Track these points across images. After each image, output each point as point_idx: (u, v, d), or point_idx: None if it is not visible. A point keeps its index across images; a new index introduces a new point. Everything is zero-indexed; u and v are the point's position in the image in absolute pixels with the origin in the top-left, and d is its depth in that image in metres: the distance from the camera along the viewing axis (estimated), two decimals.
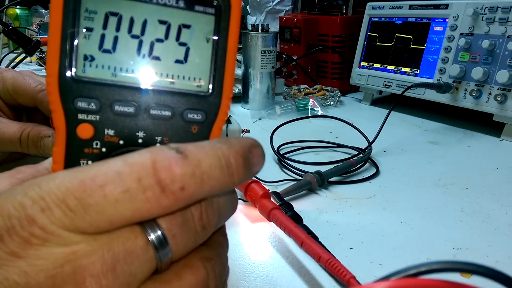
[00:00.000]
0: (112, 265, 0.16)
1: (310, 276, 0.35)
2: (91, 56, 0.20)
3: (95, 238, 0.16)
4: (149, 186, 0.16)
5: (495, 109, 0.70)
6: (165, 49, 0.20)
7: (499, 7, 0.70)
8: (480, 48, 0.72)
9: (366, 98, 0.97)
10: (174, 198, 0.17)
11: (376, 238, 0.40)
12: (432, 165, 0.60)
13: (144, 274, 0.17)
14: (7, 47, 1.36)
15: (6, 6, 1.18)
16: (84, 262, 0.16)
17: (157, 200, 0.17)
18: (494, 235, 0.41)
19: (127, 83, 0.20)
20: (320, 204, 0.47)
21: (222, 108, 0.21)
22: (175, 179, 0.17)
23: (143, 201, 0.16)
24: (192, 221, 0.18)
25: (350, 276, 0.31)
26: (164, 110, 0.20)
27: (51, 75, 0.19)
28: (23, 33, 0.75)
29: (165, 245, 0.17)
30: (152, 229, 0.17)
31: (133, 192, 0.16)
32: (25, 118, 0.51)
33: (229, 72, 0.21)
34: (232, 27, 0.21)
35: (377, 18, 0.92)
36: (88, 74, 0.20)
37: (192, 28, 0.21)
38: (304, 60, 1.05)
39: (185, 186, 0.17)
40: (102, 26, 0.20)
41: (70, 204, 0.16)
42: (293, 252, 0.38)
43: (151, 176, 0.16)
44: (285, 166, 0.57)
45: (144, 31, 0.20)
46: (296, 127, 0.75)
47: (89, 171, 0.16)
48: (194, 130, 0.21)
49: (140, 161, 0.17)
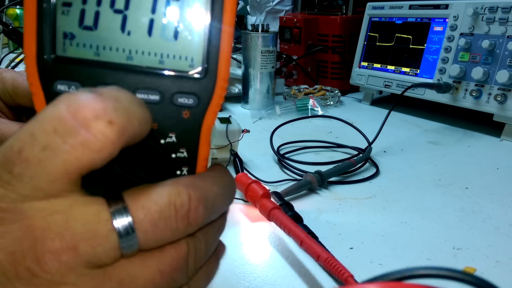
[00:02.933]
0: (72, 243, 0.16)
1: (310, 276, 0.35)
2: (71, 33, 0.18)
3: (52, 211, 0.16)
4: (67, 132, 0.15)
5: (495, 109, 0.70)
6: (152, 25, 0.18)
7: (499, 7, 0.70)
8: (480, 48, 0.72)
9: (366, 98, 0.97)
10: (103, 137, 0.16)
11: (376, 238, 0.40)
12: (432, 165, 0.60)
13: (109, 258, 0.17)
14: (7, 47, 1.36)
15: (6, 6, 1.18)
16: (41, 237, 0.16)
17: (84, 145, 0.15)
18: (494, 235, 0.41)
19: (111, 63, 0.18)
20: (320, 204, 0.47)
21: (216, 91, 0.19)
22: (98, 115, 0.15)
23: (68, 152, 0.15)
24: (174, 218, 0.17)
25: (348, 274, 0.31)
26: (152, 93, 0.18)
27: (29, 55, 0.18)
28: (23, 33, 0.75)
29: (132, 237, 0.17)
30: (120, 215, 0.17)
31: (53, 146, 0.15)
32: (25, 118, 0.51)
33: (225, 51, 0.19)
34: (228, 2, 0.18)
35: (377, 18, 0.92)
36: (69, 53, 0.18)
37: (182, 1, 0.18)
38: (304, 60, 1.05)
39: (113, 120, 0.16)
40: (82, 1, 0.18)
41: (5, 178, 0.16)
42: (293, 252, 0.38)
43: (68, 121, 0.15)
44: (285, 166, 0.57)
45: (128, 5, 0.18)
46: (296, 127, 0.75)
47: (8, 142, 0.16)
48: (186, 115, 0.19)
49: (51, 111, 0.16)
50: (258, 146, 0.66)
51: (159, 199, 0.17)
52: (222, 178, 0.20)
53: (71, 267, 0.16)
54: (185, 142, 0.20)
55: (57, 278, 0.16)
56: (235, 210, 0.45)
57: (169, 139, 0.19)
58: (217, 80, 0.19)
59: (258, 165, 0.57)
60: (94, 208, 0.17)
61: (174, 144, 0.20)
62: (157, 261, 0.18)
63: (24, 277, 0.16)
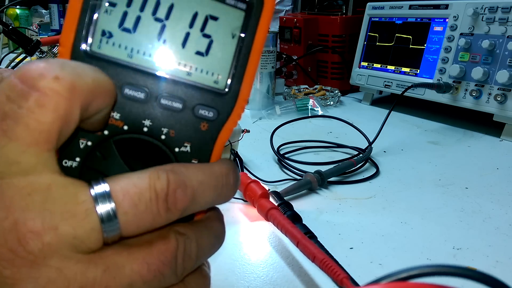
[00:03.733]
0: (53, 224, 0.16)
1: (310, 276, 0.35)
2: (110, 32, 0.19)
3: (30, 193, 0.16)
4: (19, 96, 0.16)
5: (495, 109, 0.70)
6: (187, 38, 0.19)
7: (499, 7, 0.70)
8: (480, 48, 0.72)
9: (366, 98, 0.97)
10: (53, 93, 0.16)
11: (376, 238, 0.40)
12: (432, 165, 0.60)
13: (92, 242, 0.17)
14: (7, 47, 1.36)
15: (6, 6, 1.18)
16: (21, 218, 0.16)
17: (38, 104, 0.16)
18: (494, 235, 0.41)
19: (142, 66, 0.19)
20: (320, 204, 0.47)
21: (236, 109, 0.20)
22: (42, 73, 0.16)
23: (27, 115, 0.16)
24: (155, 201, 0.17)
25: (344, 276, 0.30)
26: (175, 101, 0.19)
27: (65, 45, 0.18)
28: (23, 33, 0.75)
29: (113, 220, 0.17)
30: (102, 199, 0.17)
31: (10, 114, 0.16)
32: None
33: (250, 73, 0.20)
34: (261, 27, 0.20)
35: (377, 18, 0.92)
36: (103, 51, 0.19)
37: (219, 20, 0.19)
38: (304, 60, 1.05)
39: (59, 75, 0.16)
40: (126, 3, 0.19)
41: None
42: (293, 252, 0.38)
43: (17, 85, 0.16)
44: (285, 166, 0.57)
45: (169, 16, 0.19)
46: (296, 127, 0.75)
47: None
48: (203, 127, 0.20)
49: (3, 83, 0.16)
50: (258, 146, 0.66)
51: (138, 181, 0.17)
52: (211, 168, 0.20)
53: (54, 249, 0.16)
54: (198, 153, 0.20)
55: (40, 259, 0.16)
56: (235, 209, 0.45)
57: (184, 148, 0.20)
58: (238, 99, 0.20)
59: (258, 165, 0.57)
60: (73, 189, 0.17)
61: (187, 154, 0.20)
62: (144, 253, 0.18)
63: (6, 258, 0.16)
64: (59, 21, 1.17)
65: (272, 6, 0.20)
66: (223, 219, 0.22)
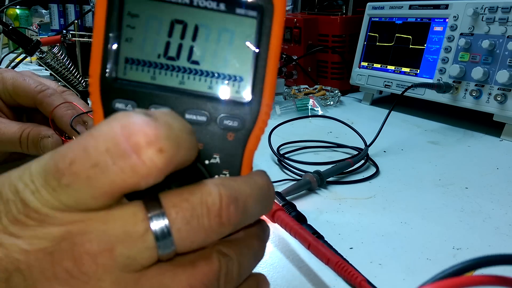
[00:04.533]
0: (109, 245, 0.16)
1: (310, 276, 0.35)
2: (132, 58, 0.20)
3: (90, 217, 0.16)
4: (119, 154, 0.16)
5: (495, 109, 0.70)
6: (204, 53, 0.20)
7: (499, 7, 0.70)
8: (480, 48, 0.72)
9: (366, 98, 0.97)
10: (152, 164, 0.16)
11: (376, 238, 0.40)
12: (432, 165, 0.60)
13: (144, 259, 0.17)
14: (7, 47, 1.36)
15: (6, 6, 1.18)
16: (80, 240, 0.16)
17: (132, 169, 0.16)
18: (494, 235, 0.41)
19: (165, 86, 0.20)
20: (320, 204, 0.47)
21: (260, 116, 0.20)
22: (150, 141, 0.16)
23: (116, 173, 0.16)
24: (207, 216, 0.17)
25: (361, 278, 0.30)
26: (200, 114, 0.20)
27: (93, 75, 0.19)
28: (23, 33, 0.75)
29: (168, 237, 0.17)
30: (157, 217, 0.17)
31: (103, 165, 0.16)
32: (25, 118, 0.51)
33: (270, 78, 0.20)
34: (275, 30, 0.20)
35: (377, 18, 0.92)
36: (128, 76, 0.20)
37: (232, 32, 0.20)
38: (304, 60, 1.05)
39: (163, 148, 0.16)
40: (143, 30, 0.20)
41: (52, 185, 0.16)
42: (294, 252, 0.38)
43: (121, 143, 0.16)
44: (285, 166, 0.57)
45: (184, 35, 0.20)
46: (296, 127, 0.75)
47: (62, 150, 0.16)
48: (230, 137, 0.20)
49: (106, 130, 0.16)
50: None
51: (190, 197, 0.17)
52: (255, 180, 0.20)
53: (107, 269, 0.16)
54: (228, 164, 0.21)
55: (94, 281, 0.16)
56: None
57: (213, 160, 0.21)
58: (261, 106, 0.20)
59: (258, 165, 0.57)
60: (131, 210, 0.17)
61: (217, 165, 0.21)
62: (188, 274, 0.18)
63: (61, 278, 0.16)
64: (59, 21, 1.17)
65: (283, 7, 0.20)
66: (263, 236, 0.22)
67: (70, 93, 0.51)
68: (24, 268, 0.16)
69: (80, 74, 0.77)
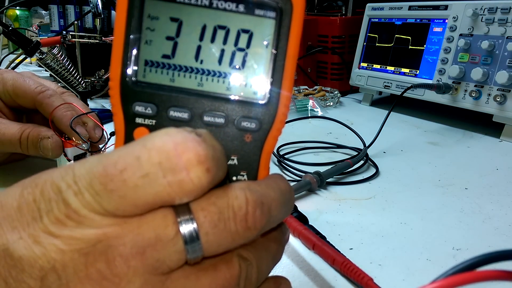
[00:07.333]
0: (141, 249, 0.17)
1: (310, 276, 0.35)
2: (151, 61, 0.20)
3: (126, 221, 0.17)
4: (170, 169, 0.16)
5: (494, 110, 0.70)
6: (223, 55, 0.20)
7: (498, 8, 0.70)
8: (479, 49, 0.72)
9: (366, 99, 0.97)
10: (198, 182, 0.17)
11: (375, 239, 0.40)
12: (431, 165, 0.60)
13: (173, 262, 0.17)
14: (7, 48, 1.36)
15: (6, 7, 1.18)
16: (114, 243, 0.16)
17: (180, 185, 0.16)
18: (494, 236, 0.41)
19: (184, 88, 0.20)
20: (320, 204, 0.47)
21: (278, 117, 0.20)
22: (200, 161, 0.16)
23: (163, 186, 0.16)
24: (233, 220, 0.18)
25: (368, 278, 0.31)
26: (218, 117, 0.20)
27: (114, 79, 0.20)
28: (23, 34, 0.75)
29: (196, 241, 0.17)
30: (186, 221, 0.17)
31: (152, 177, 0.16)
32: (25, 119, 0.51)
33: (288, 80, 0.20)
34: (293, 31, 0.20)
35: (377, 19, 0.92)
36: (148, 79, 0.20)
37: (251, 33, 0.20)
38: (304, 61, 1.06)
39: (210, 168, 0.17)
40: (164, 32, 0.20)
41: (96, 188, 0.16)
42: (293, 252, 0.38)
43: (174, 159, 0.16)
44: (284, 167, 0.57)
45: (203, 37, 0.20)
46: (295, 127, 0.75)
47: (112, 156, 0.17)
48: (248, 139, 0.20)
49: (160, 143, 0.17)
50: None
51: (217, 201, 0.18)
52: (278, 184, 0.20)
53: (137, 272, 0.17)
54: (246, 165, 0.21)
55: (124, 282, 0.16)
56: None
57: (231, 162, 0.21)
58: (278, 107, 0.20)
59: None
60: (161, 214, 0.17)
61: (235, 166, 0.21)
62: (210, 278, 0.18)
63: (94, 278, 0.16)
64: (59, 22, 1.17)
65: (302, 8, 0.20)
66: (282, 239, 0.22)
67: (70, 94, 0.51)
68: (59, 267, 0.16)
69: (80, 75, 0.77)
